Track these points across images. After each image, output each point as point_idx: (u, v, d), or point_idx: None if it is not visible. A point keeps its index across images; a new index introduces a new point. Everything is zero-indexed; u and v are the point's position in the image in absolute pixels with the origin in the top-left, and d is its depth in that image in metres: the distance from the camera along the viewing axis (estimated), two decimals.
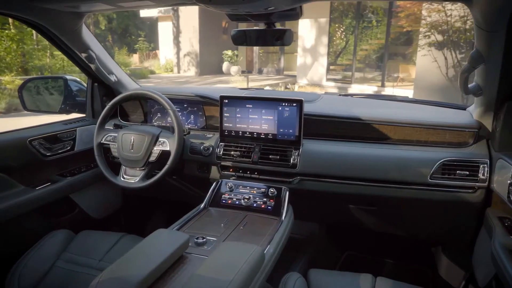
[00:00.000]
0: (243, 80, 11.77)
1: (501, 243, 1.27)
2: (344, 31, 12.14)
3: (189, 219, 1.53)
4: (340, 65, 12.66)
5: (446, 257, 1.90)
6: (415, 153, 1.60)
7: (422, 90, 8.91)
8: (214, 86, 10.33)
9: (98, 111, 2.12)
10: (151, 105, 2.10)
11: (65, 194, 1.91)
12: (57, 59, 11.69)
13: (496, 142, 1.50)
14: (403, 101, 2.05)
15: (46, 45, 11.59)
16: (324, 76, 12.30)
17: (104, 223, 2.20)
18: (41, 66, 11.27)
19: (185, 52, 14.77)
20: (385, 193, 1.62)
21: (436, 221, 1.73)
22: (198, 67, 14.48)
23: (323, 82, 12.26)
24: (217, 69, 14.39)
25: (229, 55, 13.84)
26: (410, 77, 11.09)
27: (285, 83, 12.47)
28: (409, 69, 11.22)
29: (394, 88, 10.84)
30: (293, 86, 12.33)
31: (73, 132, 1.95)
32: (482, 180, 1.50)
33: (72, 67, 11.72)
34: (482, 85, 1.42)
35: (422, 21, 7.67)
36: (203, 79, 13.07)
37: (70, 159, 1.95)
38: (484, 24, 1.13)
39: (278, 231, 1.41)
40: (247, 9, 1.35)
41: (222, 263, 1.09)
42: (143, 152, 1.74)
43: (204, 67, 14.42)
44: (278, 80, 12.89)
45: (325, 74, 12.30)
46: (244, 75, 12.48)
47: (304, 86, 12.31)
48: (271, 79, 13.22)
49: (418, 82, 9.17)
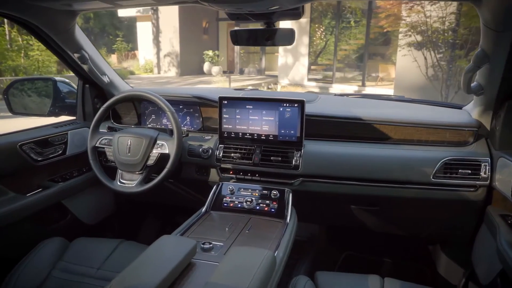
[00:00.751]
0: (225, 80, 11.71)
1: (507, 241, 1.28)
2: (324, 31, 12.24)
3: (192, 224, 1.48)
4: (321, 65, 12.77)
5: (445, 255, 1.92)
6: (417, 153, 1.61)
7: (402, 90, 9.06)
8: (207, 86, 10.19)
9: (89, 114, 2.05)
10: (145, 106, 2.04)
11: (57, 200, 1.84)
12: (32, 59, 11.33)
13: (496, 141, 1.52)
14: (399, 100, 2.06)
15: (20, 45, 11.24)
16: (306, 76, 12.37)
17: (97, 229, 2.13)
18: (15, 67, 10.90)
19: (165, 53, 14.58)
20: (388, 193, 1.62)
21: (438, 219, 1.74)
22: (179, 68, 14.33)
23: (305, 82, 12.33)
24: (198, 69, 14.28)
25: (210, 56, 13.77)
26: (390, 77, 11.30)
27: (267, 83, 12.47)
28: (389, 68, 11.44)
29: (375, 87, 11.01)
30: (275, 86, 12.34)
31: (64, 136, 1.87)
32: (484, 179, 1.51)
33: (48, 68, 11.41)
34: (483, 85, 1.44)
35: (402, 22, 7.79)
36: (184, 80, 12.93)
37: (62, 163, 1.88)
38: (493, 24, 1.14)
39: (285, 234, 1.39)
40: (251, 8, 1.33)
41: (235, 269, 1.06)
42: (141, 156, 1.68)
43: (185, 68, 14.28)
44: (260, 80, 12.89)
45: (306, 74, 12.37)
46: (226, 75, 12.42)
47: (286, 86, 12.34)
48: (252, 79, 13.21)
49: (398, 82, 9.33)
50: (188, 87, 6.80)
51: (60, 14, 1.56)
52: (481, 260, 1.57)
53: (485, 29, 1.20)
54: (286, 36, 1.50)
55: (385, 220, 1.81)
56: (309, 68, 12.45)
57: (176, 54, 14.25)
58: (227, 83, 11.16)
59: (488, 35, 1.20)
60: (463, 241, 1.73)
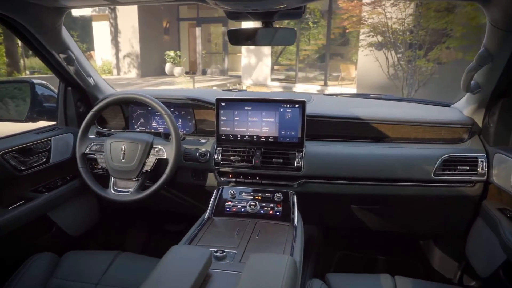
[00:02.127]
0: (188, 81, 11.53)
1: None
2: None
3: (197, 232, 1.42)
4: (283, 65, 12.90)
5: (439, 249, 1.98)
6: (417, 151, 1.64)
7: (364, 88, 9.34)
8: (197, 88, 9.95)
9: (72, 118, 1.92)
10: (133, 109, 1.95)
11: (42, 213, 1.71)
12: None
13: (490, 137, 1.58)
14: (389, 99, 2.10)
15: None
16: (269, 76, 12.45)
17: (83, 240, 2.01)
18: None
19: (124, 53, 14.12)
20: (389, 192, 1.64)
21: (435, 215, 1.79)
22: (139, 69, 13.92)
23: (268, 82, 12.41)
24: (160, 70, 13.95)
25: (171, 56, 13.51)
26: (350, 76, 11.64)
27: (231, 83, 12.42)
28: (349, 68, 11.77)
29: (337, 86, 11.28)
30: (239, 86, 12.32)
31: (47, 143, 1.74)
32: (481, 174, 1.57)
33: None
34: (480, 83, 1.49)
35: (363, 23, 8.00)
36: (145, 81, 12.59)
37: (45, 172, 1.75)
38: (501, 23, 1.18)
39: (296, 238, 1.37)
40: (258, 6, 1.29)
41: (261, 277, 1.02)
42: (137, 162, 1.60)
43: (146, 69, 13.89)
44: (223, 80, 12.82)
45: (269, 74, 12.45)
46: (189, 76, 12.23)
47: (249, 87, 12.35)
48: (216, 79, 13.11)
49: (361, 81, 9.60)
50: (181, 89, 6.63)
51: (47, 11, 1.45)
52: (478, 253, 1.62)
53: (492, 29, 1.24)
54: (287, 35, 1.49)
55: (384, 219, 1.84)
56: (272, 68, 12.55)
57: (136, 55, 13.84)
58: (191, 84, 10.99)
59: (494, 34, 1.24)
60: (457, 235, 1.78)
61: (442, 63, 7.26)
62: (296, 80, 12.23)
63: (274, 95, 2.30)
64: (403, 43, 7.73)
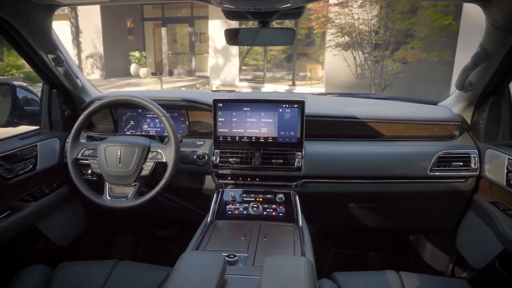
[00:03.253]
0: (155, 82, 11.28)
1: (508, 224, 1.39)
2: None
3: (202, 237, 1.38)
4: (251, 65, 12.92)
5: (430, 243, 2.04)
6: (414, 148, 1.69)
7: (332, 88, 9.54)
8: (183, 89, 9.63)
9: (57, 122, 1.82)
10: (122, 112, 1.87)
11: (30, 223, 1.61)
12: None
13: (480, 134, 1.65)
14: (377, 98, 2.15)
15: None
16: (237, 76, 12.45)
17: (72, 250, 1.91)
18: None
19: (87, 54, 13.60)
20: (387, 189, 1.68)
21: (428, 211, 1.84)
22: (103, 70, 13.46)
23: (236, 83, 12.39)
24: (125, 71, 13.55)
25: (136, 57, 13.18)
26: (317, 76, 11.85)
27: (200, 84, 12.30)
28: (316, 68, 11.99)
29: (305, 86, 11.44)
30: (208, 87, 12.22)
31: (33, 148, 1.64)
32: (474, 170, 1.63)
33: None
34: (473, 82, 1.55)
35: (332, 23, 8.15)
36: (110, 83, 12.20)
37: (31, 180, 1.64)
38: (501, 23, 1.23)
39: (305, 239, 1.36)
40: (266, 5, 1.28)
41: (282, 281, 1.00)
42: (134, 166, 1.54)
43: (110, 70, 13.45)
44: (191, 81, 12.67)
45: (238, 75, 12.45)
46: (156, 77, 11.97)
47: (218, 87, 12.28)
48: (183, 80, 12.92)
49: (329, 80, 9.79)
50: (173, 90, 6.46)
51: (38, 9, 1.36)
52: (470, 245, 1.69)
53: (491, 29, 1.28)
54: (287, 35, 1.48)
55: (380, 216, 1.87)
56: (240, 68, 12.54)
57: (99, 56, 13.37)
58: (159, 85, 10.76)
59: (493, 34, 1.29)
60: (447, 229, 1.85)
61: (407, 63, 7.53)
62: (264, 80, 12.29)
63: (269, 95, 2.29)
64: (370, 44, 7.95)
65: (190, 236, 1.39)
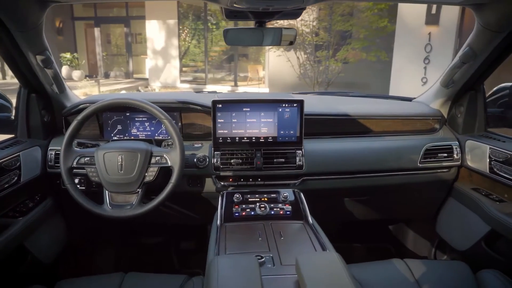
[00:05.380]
0: (92, 85, 10.68)
1: (495, 208, 1.55)
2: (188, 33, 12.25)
3: (219, 240, 1.36)
4: (193, 66, 12.74)
5: (412, 231, 2.19)
6: (404, 142, 1.80)
7: (276, 88, 9.75)
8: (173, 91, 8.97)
9: (35, 129, 1.67)
10: (108, 116, 1.77)
11: (19, 242, 1.46)
12: None
13: (459, 126, 1.81)
14: (356, 96, 2.25)
15: None
16: (178, 78, 12.22)
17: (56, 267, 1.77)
18: None
19: None
20: (381, 182, 1.77)
21: (415, 200, 1.97)
22: None
23: (177, 84, 12.17)
24: None
25: (68, 58, 12.34)
26: (258, 76, 12.01)
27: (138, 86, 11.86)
28: (257, 68, 12.14)
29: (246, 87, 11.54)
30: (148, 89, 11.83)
31: (17, 159, 1.49)
32: (456, 160, 1.79)
33: None
34: (455, 79, 1.69)
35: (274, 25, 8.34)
36: None
37: (15, 193, 1.50)
38: (494, 25, 1.36)
39: (320, 234, 1.39)
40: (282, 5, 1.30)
41: (324, 277, 1.01)
42: (137, 173, 1.46)
43: None
44: (129, 83, 12.20)
45: (178, 76, 12.22)
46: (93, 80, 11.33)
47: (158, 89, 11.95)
48: (121, 83, 12.39)
49: (272, 81, 9.99)
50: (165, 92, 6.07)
51: (31, 5, 1.24)
52: (452, 230, 1.84)
53: (481, 30, 1.41)
54: (290, 35, 1.50)
55: (370, 208, 1.96)
56: (181, 70, 12.33)
57: None
58: (96, 88, 10.19)
59: (483, 35, 1.42)
60: (429, 216, 1.99)
61: (348, 63, 7.94)
62: (206, 81, 12.20)
63: (264, 95, 2.29)
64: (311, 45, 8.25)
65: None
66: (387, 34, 7.19)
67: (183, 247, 2.24)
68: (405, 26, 6.78)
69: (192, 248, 2.26)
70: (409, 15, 6.66)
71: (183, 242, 2.25)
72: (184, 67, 12.49)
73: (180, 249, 2.23)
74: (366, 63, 7.79)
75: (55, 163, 1.66)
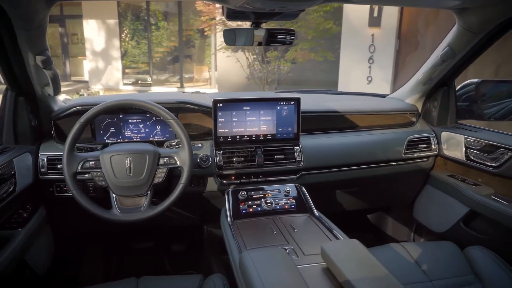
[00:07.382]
0: None
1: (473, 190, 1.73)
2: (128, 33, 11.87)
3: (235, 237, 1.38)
4: (136, 68, 12.32)
5: (390, 218, 2.34)
6: (390, 135, 1.94)
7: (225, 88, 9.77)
8: None
9: (24, 134, 1.57)
10: (100, 119, 1.70)
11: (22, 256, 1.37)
12: None
13: (434, 119, 1.99)
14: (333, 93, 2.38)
15: None
16: (121, 80, 11.78)
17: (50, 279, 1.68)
18: None
19: None
20: (371, 173, 1.89)
21: (396, 188, 2.12)
22: None
23: (120, 86, 11.75)
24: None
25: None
26: (204, 77, 11.96)
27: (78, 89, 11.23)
28: (203, 69, 12.08)
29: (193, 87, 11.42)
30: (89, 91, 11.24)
31: (12, 166, 1.40)
32: (434, 150, 1.96)
33: None
34: (432, 76, 1.86)
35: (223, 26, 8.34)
36: None
37: (11, 203, 1.40)
38: (475, 27, 1.52)
39: (330, 224, 1.46)
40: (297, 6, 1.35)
41: (358, 262, 1.08)
42: (146, 175, 1.44)
43: None
44: (68, 86, 11.52)
45: (121, 78, 11.78)
46: None
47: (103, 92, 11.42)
48: None
49: (221, 82, 9.99)
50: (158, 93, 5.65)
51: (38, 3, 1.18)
52: (430, 214, 2.01)
53: (462, 31, 1.57)
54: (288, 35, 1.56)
55: (358, 198, 2.09)
56: (123, 71, 11.89)
57: None
58: None
59: (463, 36, 1.59)
60: (407, 203, 2.16)
61: (296, 63, 8.19)
62: (151, 83, 11.88)
63: (261, 94, 2.31)
64: None
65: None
66: (332, 36, 7.52)
67: (174, 249, 2.22)
68: (351, 28, 7.15)
69: (182, 250, 2.24)
70: (354, 18, 7.04)
71: (174, 244, 2.22)
72: (127, 68, 12.04)
73: (172, 251, 2.20)
74: (313, 63, 8.08)
75: (48, 169, 1.57)
